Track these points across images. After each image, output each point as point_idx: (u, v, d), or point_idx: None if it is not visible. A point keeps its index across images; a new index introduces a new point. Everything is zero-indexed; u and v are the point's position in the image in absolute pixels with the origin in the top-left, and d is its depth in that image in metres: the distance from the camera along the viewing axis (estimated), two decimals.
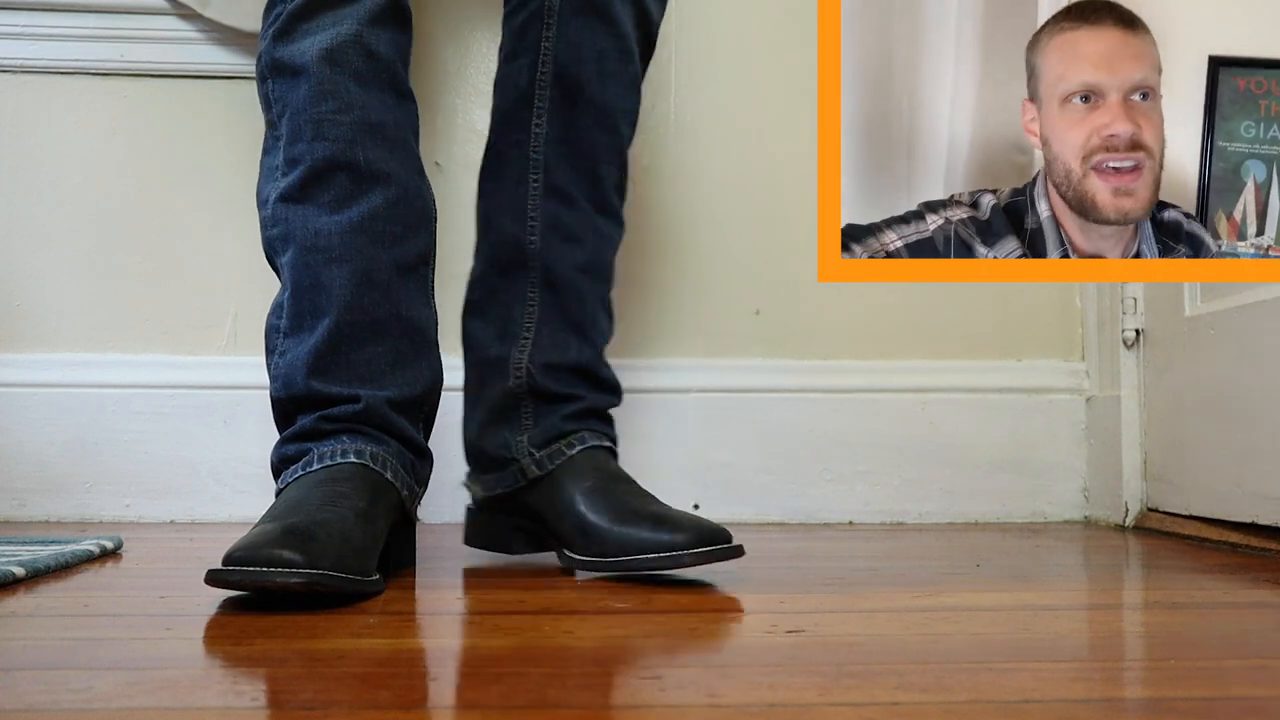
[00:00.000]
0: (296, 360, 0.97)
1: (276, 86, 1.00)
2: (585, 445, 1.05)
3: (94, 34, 1.54)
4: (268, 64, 1.00)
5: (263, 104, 1.02)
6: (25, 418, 1.50)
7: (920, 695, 0.55)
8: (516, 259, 1.08)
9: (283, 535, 0.81)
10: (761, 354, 1.58)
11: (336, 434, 0.95)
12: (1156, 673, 0.64)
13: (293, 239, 0.97)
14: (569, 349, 1.07)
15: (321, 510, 0.86)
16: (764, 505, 1.53)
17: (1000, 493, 1.56)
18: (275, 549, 0.79)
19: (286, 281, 0.98)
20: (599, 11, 1.06)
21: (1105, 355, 1.54)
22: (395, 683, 0.58)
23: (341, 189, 0.97)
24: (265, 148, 1.03)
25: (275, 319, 1.00)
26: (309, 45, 0.97)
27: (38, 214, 1.54)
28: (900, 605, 0.84)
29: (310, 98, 0.97)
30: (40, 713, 0.52)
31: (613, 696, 0.56)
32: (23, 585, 0.91)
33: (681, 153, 1.59)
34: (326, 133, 0.97)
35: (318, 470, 0.93)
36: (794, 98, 1.57)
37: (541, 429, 1.06)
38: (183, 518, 1.50)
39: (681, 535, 0.93)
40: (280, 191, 0.98)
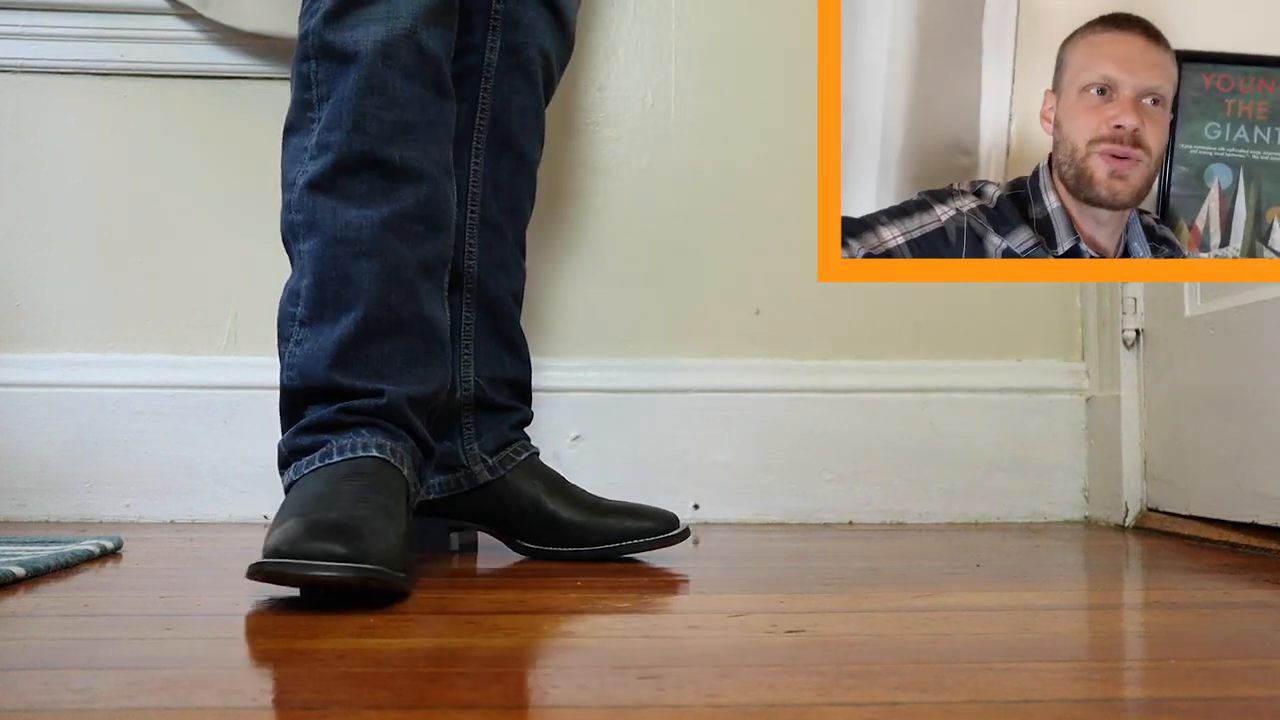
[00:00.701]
0: (318, 351, 0.96)
1: (321, 69, 0.98)
2: (530, 452, 1.18)
3: (94, 34, 1.54)
4: (316, 45, 0.98)
5: (298, 81, 1.00)
6: (25, 418, 1.50)
7: (920, 695, 0.55)
8: (454, 280, 1.15)
9: (328, 530, 0.80)
10: (761, 354, 1.58)
11: (356, 427, 0.95)
12: (1156, 673, 0.64)
13: (319, 228, 0.96)
14: (505, 364, 1.19)
15: (357, 507, 0.85)
16: (764, 505, 1.53)
17: (1000, 493, 1.56)
18: (323, 543, 0.78)
19: (307, 269, 0.97)
20: (526, 73, 1.19)
21: (1105, 355, 1.54)
22: (395, 683, 0.58)
23: (373, 184, 0.97)
24: (292, 126, 1.01)
25: (291, 306, 0.98)
26: (363, 35, 0.97)
27: (38, 214, 1.54)
28: (900, 605, 0.84)
29: (358, 90, 0.96)
30: (40, 713, 0.52)
31: (613, 696, 0.56)
32: (23, 585, 0.91)
33: (681, 153, 1.59)
34: (366, 127, 0.97)
35: (338, 463, 0.92)
36: (794, 98, 1.57)
37: (491, 437, 1.17)
38: (183, 518, 1.50)
39: (651, 522, 1.13)
40: (309, 178, 0.97)
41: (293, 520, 0.83)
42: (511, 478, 1.15)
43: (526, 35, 1.20)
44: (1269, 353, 1.21)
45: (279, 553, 0.79)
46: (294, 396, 0.97)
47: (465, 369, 1.16)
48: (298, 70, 1.00)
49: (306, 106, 0.99)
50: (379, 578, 0.79)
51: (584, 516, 1.13)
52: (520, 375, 1.21)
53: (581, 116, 1.59)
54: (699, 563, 1.13)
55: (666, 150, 1.59)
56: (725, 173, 1.59)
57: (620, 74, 1.59)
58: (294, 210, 0.98)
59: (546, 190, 1.54)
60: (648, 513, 1.14)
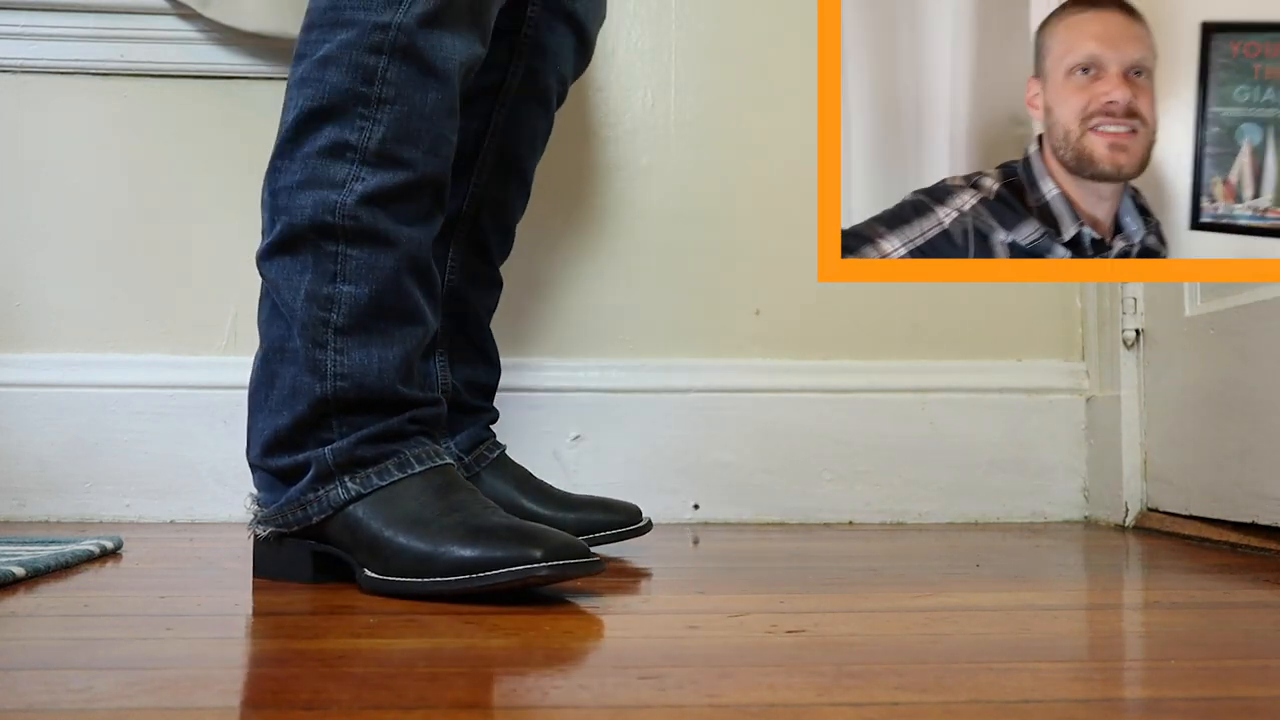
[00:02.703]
0: (379, 364, 0.93)
1: (397, 70, 0.93)
2: (499, 450, 1.22)
3: (94, 34, 1.54)
4: (401, 43, 0.92)
5: (356, 71, 0.92)
6: (25, 418, 1.50)
7: (920, 695, 0.55)
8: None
9: (516, 536, 0.84)
10: (761, 354, 1.58)
11: (417, 435, 0.95)
12: (1156, 673, 0.64)
13: (382, 240, 0.93)
14: (479, 369, 1.23)
15: (497, 513, 0.89)
16: (764, 505, 1.53)
17: (1000, 493, 1.56)
18: (524, 548, 0.83)
19: (357, 278, 0.93)
20: (542, 100, 1.22)
21: (1105, 355, 1.54)
22: (395, 683, 0.58)
23: (429, 206, 0.97)
24: (325, 110, 0.93)
25: (322, 311, 0.93)
26: (452, 51, 0.95)
27: (38, 214, 1.54)
28: (900, 605, 0.84)
29: (440, 108, 0.95)
30: (40, 713, 0.52)
31: (613, 696, 0.56)
32: (23, 585, 0.91)
33: (681, 152, 1.59)
34: (440, 150, 0.96)
35: (428, 472, 0.92)
36: (794, 97, 1.57)
37: (466, 436, 1.20)
38: (183, 518, 1.50)
39: (617, 515, 1.18)
40: (371, 190, 0.93)
41: (441, 539, 0.86)
42: (486, 474, 1.19)
43: (550, 62, 1.20)
44: (1269, 353, 1.21)
45: (494, 563, 0.83)
46: (344, 405, 0.93)
47: (443, 373, 1.20)
48: (357, 58, 0.92)
49: (360, 100, 0.92)
50: (598, 566, 0.85)
51: (553, 511, 1.17)
52: (491, 380, 1.25)
53: (581, 116, 1.59)
54: (699, 563, 1.13)
55: (666, 150, 1.59)
56: (725, 173, 1.59)
57: (620, 74, 1.59)
58: (344, 216, 0.92)
59: (547, 190, 1.54)
60: (614, 506, 1.19)
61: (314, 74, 0.94)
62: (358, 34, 0.92)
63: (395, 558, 0.87)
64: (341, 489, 0.92)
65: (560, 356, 1.55)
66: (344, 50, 0.93)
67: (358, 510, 0.91)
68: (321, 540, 0.94)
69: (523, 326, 1.54)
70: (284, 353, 0.95)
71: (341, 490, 0.92)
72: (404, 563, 0.87)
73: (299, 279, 0.94)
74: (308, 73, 0.94)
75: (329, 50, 0.93)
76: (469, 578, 0.83)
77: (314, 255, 0.94)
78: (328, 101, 0.93)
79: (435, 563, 0.85)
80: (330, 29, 0.94)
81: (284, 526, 0.95)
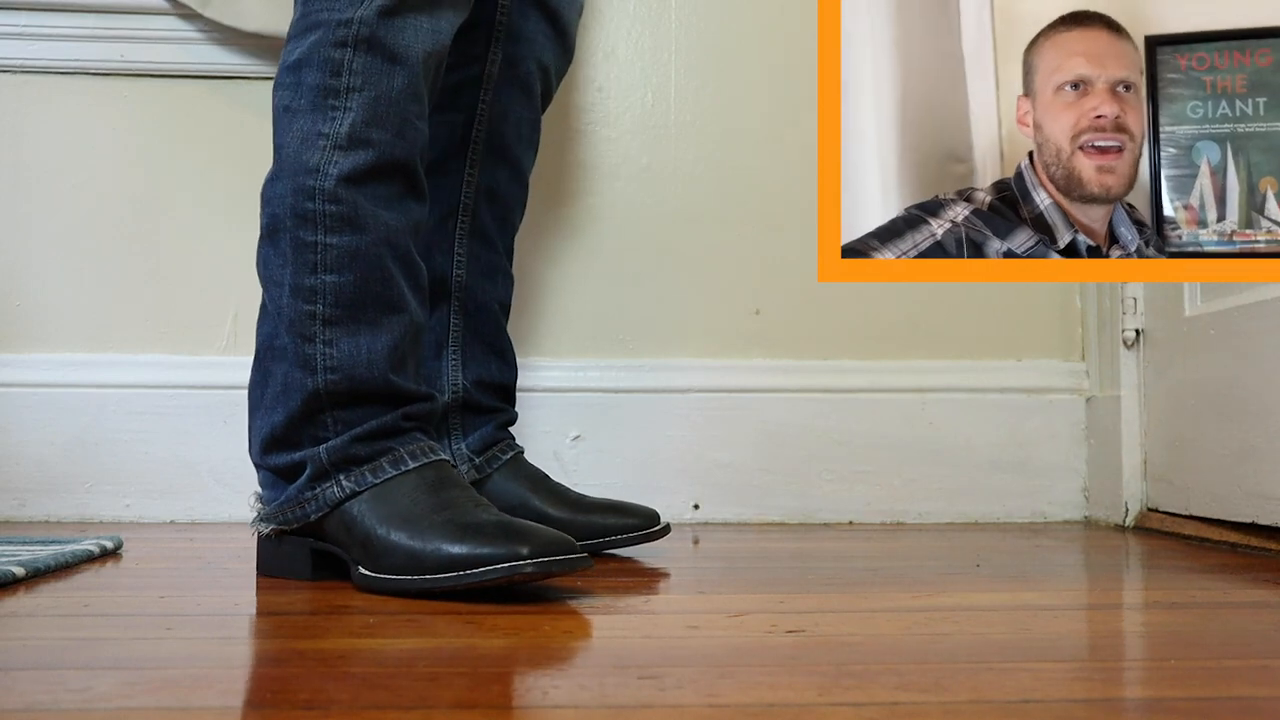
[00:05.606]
0: (367, 353, 0.93)
1: (361, 61, 0.95)
2: (514, 451, 1.21)
3: (94, 34, 1.54)
4: (363, 34, 0.95)
5: (324, 65, 0.95)
6: (25, 418, 1.50)
7: (920, 695, 0.55)
8: (440, 292, 1.19)
9: (504, 533, 0.84)
10: (761, 354, 1.58)
11: (411, 432, 0.95)
12: (1156, 673, 0.64)
13: (360, 225, 0.94)
14: (492, 368, 1.22)
15: (488, 510, 0.89)
16: (764, 505, 1.53)
17: (1000, 493, 1.56)
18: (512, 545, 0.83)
19: (340, 265, 0.93)
20: (524, 86, 1.23)
21: (1105, 355, 1.54)
22: (395, 682, 0.58)
23: (399, 191, 0.97)
24: (300, 107, 0.96)
25: (308, 304, 0.93)
26: (414, 40, 0.96)
27: (38, 214, 1.54)
28: (900, 605, 0.84)
29: (405, 93, 0.96)
30: (40, 713, 0.52)
31: (613, 696, 0.56)
32: (23, 585, 0.91)
33: (681, 153, 1.59)
34: (407, 133, 0.96)
35: (422, 469, 0.92)
36: (794, 97, 1.57)
37: (477, 437, 1.20)
38: (183, 518, 1.50)
39: (634, 519, 1.16)
40: (344, 171, 0.94)
41: (449, 528, 0.86)
42: (499, 476, 1.18)
43: (526, 49, 1.22)
44: (1269, 353, 1.21)
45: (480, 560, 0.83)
46: (335, 399, 0.93)
47: (454, 373, 1.19)
48: (325, 55, 0.95)
49: (329, 93, 0.95)
50: (585, 563, 0.84)
51: (569, 513, 1.15)
52: (506, 379, 1.24)
53: (581, 116, 1.59)
54: (699, 563, 1.13)
55: (666, 150, 1.59)
56: (725, 173, 1.59)
57: (620, 74, 1.59)
58: (328, 201, 0.93)
59: (546, 190, 1.54)
60: (630, 509, 1.17)
61: (290, 78, 0.98)
62: (324, 33, 0.96)
63: (387, 555, 0.87)
64: (337, 487, 0.93)
65: (560, 356, 1.55)
66: (313, 50, 0.96)
67: (353, 507, 0.91)
68: (320, 538, 0.94)
69: (523, 326, 1.54)
70: (274, 350, 0.96)
71: (337, 488, 0.92)
72: (395, 560, 0.87)
73: (281, 274, 0.95)
74: (284, 78, 0.98)
75: (301, 53, 0.97)
76: (457, 575, 0.83)
77: (293, 248, 0.94)
78: (304, 100, 0.96)
79: (425, 560, 0.85)
80: (303, 35, 0.98)
81: (284, 524, 0.95)
